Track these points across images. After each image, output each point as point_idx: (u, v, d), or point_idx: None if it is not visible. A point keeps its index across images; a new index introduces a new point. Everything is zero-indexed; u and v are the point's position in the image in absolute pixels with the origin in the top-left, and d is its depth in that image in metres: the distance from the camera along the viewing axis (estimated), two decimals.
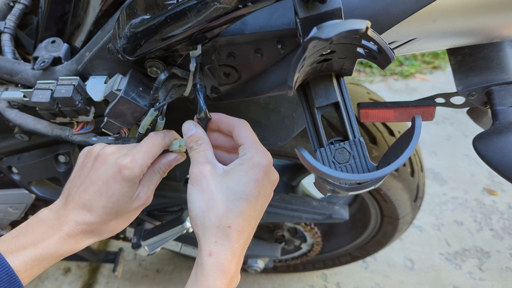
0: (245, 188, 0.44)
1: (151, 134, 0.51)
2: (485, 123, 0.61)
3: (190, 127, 0.48)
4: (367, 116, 0.62)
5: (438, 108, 0.58)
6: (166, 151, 0.53)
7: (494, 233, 1.45)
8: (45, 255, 0.45)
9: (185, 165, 0.86)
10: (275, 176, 0.47)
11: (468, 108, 0.59)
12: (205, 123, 0.49)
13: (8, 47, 0.61)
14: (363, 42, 0.35)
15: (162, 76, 0.49)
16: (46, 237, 0.46)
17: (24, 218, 0.96)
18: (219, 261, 0.42)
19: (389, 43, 0.47)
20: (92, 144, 0.57)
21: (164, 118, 0.53)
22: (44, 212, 0.49)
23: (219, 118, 0.49)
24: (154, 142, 0.50)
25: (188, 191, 0.46)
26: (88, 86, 0.54)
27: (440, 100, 0.57)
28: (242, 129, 0.47)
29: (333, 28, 0.30)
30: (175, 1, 0.42)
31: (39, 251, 0.45)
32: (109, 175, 0.47)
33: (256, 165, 0.44)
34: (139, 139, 0.54)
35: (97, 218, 0.47)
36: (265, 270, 1.29)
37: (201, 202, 0.44)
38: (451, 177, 1.65)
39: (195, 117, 0.49)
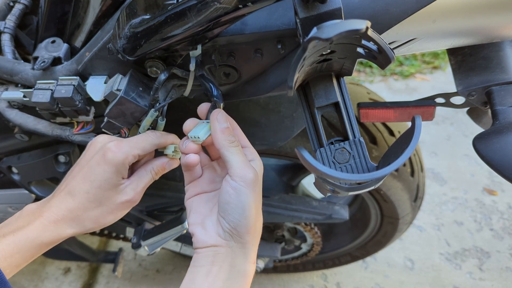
0: (261, 197, 0.46)
1: (148, 131, 0.51)
2: (485, 123, 0.61)
3: (223, 118, 0.45)
4: (367, 116, 0.62)
5: (438, 108, 0.58)
6: (162, 154, 0.53)
7: (494, 233, 1.45)
8: (24, 242, 0.45)
9: None
10: None
11: (468, 108, 0.59)
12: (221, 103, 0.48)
13: (8, 47, 0.61)
14: (363, 42, 0.35)
15: (162, 77, 0.49)
16: (26, 225, 0.46)
17: None
18: (255, 267, 0.46)
19: (389, 43, 0.47)
20: None
21: (165, 119, 0.53)
22: (29, 205, 0.49)
23: (234, 126, 0.48)
24: (146, 137, 0.50)
25: (239, 193, 0.42)
26: (88, 86, 0.54)
27: (440, 100, 0.57)
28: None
29: (333, 28, 0.30)
30: (175, 1, 0.42)
31: (18, 237, 0.44)
32: (94, 159, 0.47)
33: (261, 170, 0.47)
34: None
35: (78, 204, 0.47)
36: (265, 270, 1.29)
37: (254, 209, 0.43)
38: (451, 177, 1.65)
39: (210, 105, 0.48)
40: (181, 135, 0.50)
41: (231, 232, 0.44)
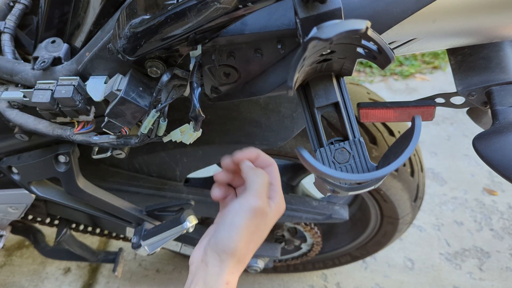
0: (263, 234, 0.49)
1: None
2: (485, 123, 0.61)
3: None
4: (367, 116, 0.62)
5: (438, 108, 0.58)
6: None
7: (494, 233, 1.45)
8: None
9: (185, 165, 0.86)
10: None
11: (468, 108, 0.59)
12: (199, 123, 0.50)
13: (8, 47, 0.61)
14: (363, 42, 0.35)
15: (165, 78, 0.49)
16: None
17: (24, 218, 0.96)
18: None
19: (389, 43, 0.47)
20: (93, 143, 0.57)
21: (166, 120, 0.53)
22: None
23: (258, 153, 0.54)
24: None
25: (233, 217, 0.47)
26: (88, 86, 0.54)
27: (440, 100, 0.57)
28: (275, 171, 0.53)
29: (333, 28, 0.30)
30: (175, 1, 0.42)
31: None
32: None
33: (278, 211, 0.50)
34: (142, 139, 0.54)
35: None
36: (265, 270, 1.29)
37: (243, 234, 0.46)
38: (451, 177, 1.65)
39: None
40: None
41: (212, 247, 0.47)
